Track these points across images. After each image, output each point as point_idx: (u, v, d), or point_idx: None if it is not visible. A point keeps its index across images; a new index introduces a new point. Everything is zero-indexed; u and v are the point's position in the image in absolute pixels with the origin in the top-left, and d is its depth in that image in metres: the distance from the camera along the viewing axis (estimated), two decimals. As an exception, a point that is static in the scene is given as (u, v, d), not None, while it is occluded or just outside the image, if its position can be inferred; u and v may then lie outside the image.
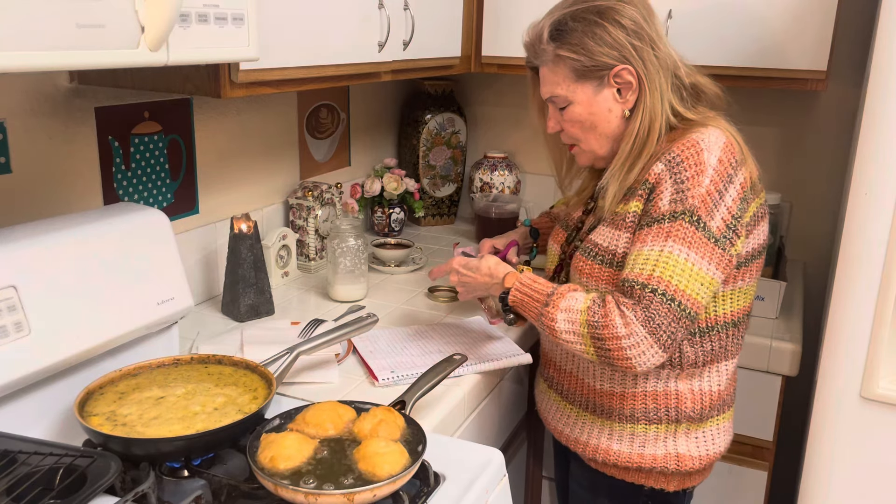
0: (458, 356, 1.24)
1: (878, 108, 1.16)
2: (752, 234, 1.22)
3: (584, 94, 1.25)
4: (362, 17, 1.46)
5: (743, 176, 1.18)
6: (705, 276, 1.14)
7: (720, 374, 1.28)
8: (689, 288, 1.13)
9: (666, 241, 1.14)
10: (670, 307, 1.12)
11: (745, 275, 1.24)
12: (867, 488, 1.28)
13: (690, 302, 1.13)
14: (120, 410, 1.02)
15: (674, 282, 1.12)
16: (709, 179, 1.15)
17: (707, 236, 1.14)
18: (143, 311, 1.17)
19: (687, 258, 1.13)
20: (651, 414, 1.27)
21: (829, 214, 2.08)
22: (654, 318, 1.11)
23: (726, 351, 1.27)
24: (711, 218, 1.15)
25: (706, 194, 1.15)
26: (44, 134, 1.29)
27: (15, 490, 0.84)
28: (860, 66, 1.96)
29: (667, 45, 1.25)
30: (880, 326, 1.21)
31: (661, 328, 1.11)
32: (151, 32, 0.90)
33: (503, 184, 2.31)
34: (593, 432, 1.32)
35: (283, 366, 1.19)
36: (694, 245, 1.14)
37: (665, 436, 1.27)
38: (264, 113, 1.81)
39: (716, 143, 1.18)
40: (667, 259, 1.13)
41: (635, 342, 1.11)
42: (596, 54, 1.21)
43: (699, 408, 1.27)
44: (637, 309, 1.12)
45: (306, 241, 1.88)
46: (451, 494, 0.97)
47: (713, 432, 1.30)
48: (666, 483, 1.30)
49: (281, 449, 0.93)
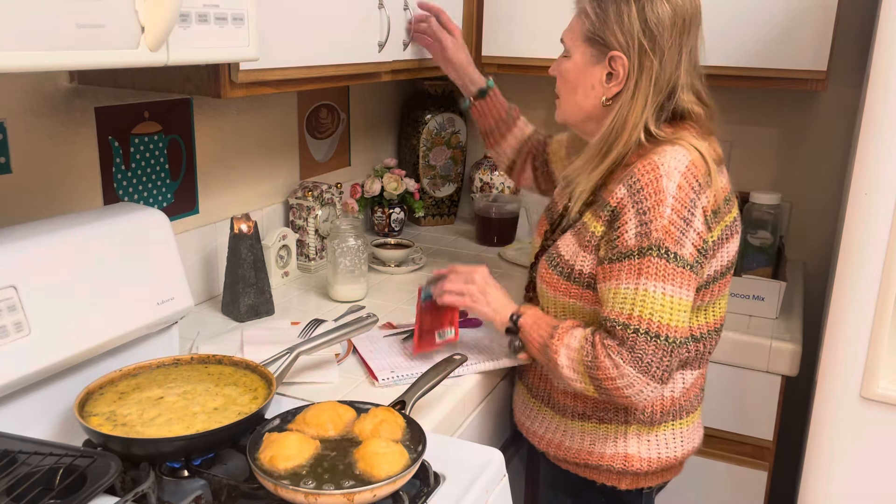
0: (458, 356, 1.24)
1: (878, 108, 1.16)
2: (718, 255, 1.20)
3: (582, 57, 1.24)
4: (362, 17, 1.46)
5: (707, 200, 1.15)
6: (684, 301, 1.14)
7: (674, 381, 1.27)
8: (672, 319, 1.12)
9: (639, 279, 1.12)
10: (657, 343, 1.11)
11: (706, 295, 1.22)
12: (867, 488, 1.28)
13: (675, 332, 1.12)
14: (120, 410, 1.02)
15: (655, 318, 1.11)
16: (670, 209, 1.12)
17: (681, 265, 1.13)
18: (143, 311, 1.17)
19: (664, 292, 1.12)
20: (601, 413, 1.27)
21: (829, 214, 2.08)
22: (643, 357, 1.11)
23: (683, 363, 1.26)
24: (682, 246, 1.13)
25: (669, 224, 1.12)
26: (44, 134, 1.29)
27: (15, 490, 0.83)
28: (860, 66, 1.96)
29: (681, 65, 1.19)
30: (880, 326, 1.21)
31: (651, 365, 1.11)
32: (151, 32, 0.90)
33: (503, 184, 2.31)
34: (550, 427, 1.34)
35: (283, 366, 1.19)
36: (668, 277, 1.12)
37: (615, 436, 1.27)
38: (264, 113, 1.81)
39: (676, 167, 1.14)
40: (643, 297, 1.12)
41: (629, 382, 1.12)
42: (607, 28, 1.18)
43: (649, 412, 1.26)
44: (623, 351, 1.12)
45: (306, 241, 1.88)
46: (451, 494, 0.97)
47: (667, 437, 1.29)
48: (617, 481, 1.30)
49: (281, 449, 0.93)
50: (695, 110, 1.21)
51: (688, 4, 1.18)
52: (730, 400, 1.70)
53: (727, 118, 2.10)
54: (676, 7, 1.16)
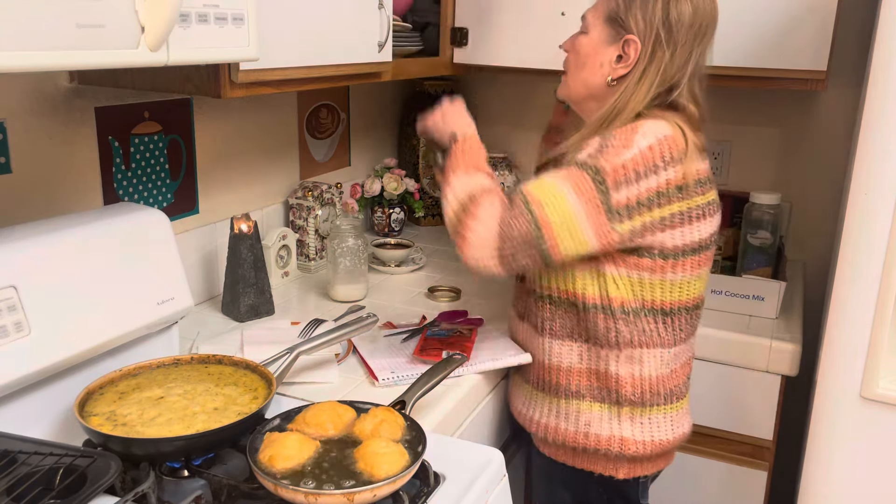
0: (458, 356, 1.24)
1: (878, 108, 1.16)
2: (683, 231, 1.22)
3: (599, 35, 1.28)
4: (362, 17, 1.46)
5: (673, 173, 1.18)
6: (578, 229, 1.17)
7: (657, 359, 1.28)
8: (558, 230, 1.17)
9: (564, 182, 1.18)
10: (529, 230, 1.17)
11: (676, 268, 1.24)
12: (867, 488, 1.28)
13: (551, 241, 1.18)
14: (120, 410, 1.02)
15: (547, 213, 1.17)
16: (630, 157, 1.16)
17: (601, 199, 1.16)
18: (143, 311, 1.17)
19: (572, 206, 1.16)
20: (595, 392, 1.29)
21: (829, 214, 2.08)
22: (512, 228, 1.18)
23: (661, 339, 1.28)
24: (617, 189, 1.16)
25: (621, 167, 1.16)
26: (44, 134, 1.29)
27: (15, 490, 0.83)
28: (860, 66, 1.96)
29: (688, 64, 1.24)
30: (880, 326, 1.21)
31: (508, 239, 1.18)
32: (151, 32, 0.90)
33: (503, 184, 2.31)
34: (543, 410, 1.35)
35: (283, 366, 1.19)
36: (583, 197, 1.16)
37: (609, 417, 1.29)
38: (264, 113, 1.81)
39: (654, 132, 1.18)
40: (555, 194, 1.17)
41: (482, 233, 1.20)
42: (629, 12, 1.23)
43: (639, 392, 1.28)
44: (505, 211, 1.20)
45: (306, 241, 1.88)
46: (451, 494, 0.97)
47: (659, 420, 1.30)
48: (615, 470, 1.31)
49: (281, 449, 0.93)
50: (689, 107, 1.25)
51: (708, 10, 1.24)
52: (730, 400, 1.70)
53: (728, 118, 2.10)
54: (698, 10, 1.22)
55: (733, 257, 1.97)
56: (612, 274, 1.23)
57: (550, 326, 1.31)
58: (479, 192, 1.23)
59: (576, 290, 1.26)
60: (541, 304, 1.32)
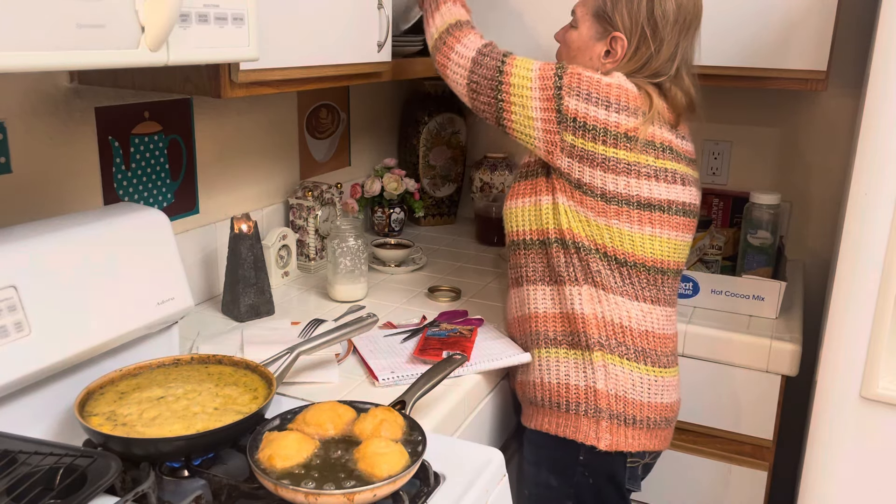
0: (458, 356, 1.24)
1: (878, 108, 1.16)
2: (632, 182, 1.26)
3: (588, 31, 1.36)
4: (362, 17, 1.46)
5: (624, 119, 1.25)
6: (529, 106, 1.28)
7: (619, 307, 1.31)
8: (514, 91, 1.30)
9: (538, 62, 1.31)
10: (494, 74, 1.32)
11: (622, 216, 1.27)
12: (867, 488, 1.28)
13: (506, 96, 1.30)
14: (120, 410, 1.02)
15: (513, 70, 1.30)
16: (589, 77, 1.26)
17: (554, 93, 1.26)
18: (143, 311, 1.17)
19: (532, 82, 1.28)
20: (569, 338, 1.34)
21: (829, 214, 2.08)
22: (483, 62, 1.33)
23: (621, 288, 1.31)
24: (569, 95, 1.26)
25: (578, 75, 1.26)
26: (44, 134, 1.29)
27: (15, 490, 0.83)
28: (860, 66, 1.96)
29: (675, 59, 1.30)
30: (880, 326, 1.21)
31: (478, 68, 1.33)
32: (151, 32, 0.90)
33: (503, 184, 2.31)
34: (527, 366, 1.39)
35: (284, 366, 1.19)
36: (543, 83, 1.28)
37: (584, 364, 1.32)
38: (264, 113, 1.81)
39: (620, 81, 1.27)
40: (526, 64, 1.31)
41: (461, 51, 1.36)
42: (615, 9, 1.30)
43: (605, 336, 1.31)
44: (484, 47, 1.35)
45: (306, 241, 1.88)
46: (451, 494, 0.97)
47: (633, 378, 1.32)
48: (595, 438, 1.31)
49: (281, 449, 0.93)
50: (673, 91, 1.31)
51: (691, 6, 1.30)
52: (730, 400, 1.70)
53: (727, 118, 2.10)
54: (681, 6, 1.29)
55: (733, 257, 1.98)
56: (563, 205, 1.30)
57: (526, 273, 1.39)
58: (465, 22, 1.40)
59: (541, 227, 1.34)
60: (518, 254, 1.40)
